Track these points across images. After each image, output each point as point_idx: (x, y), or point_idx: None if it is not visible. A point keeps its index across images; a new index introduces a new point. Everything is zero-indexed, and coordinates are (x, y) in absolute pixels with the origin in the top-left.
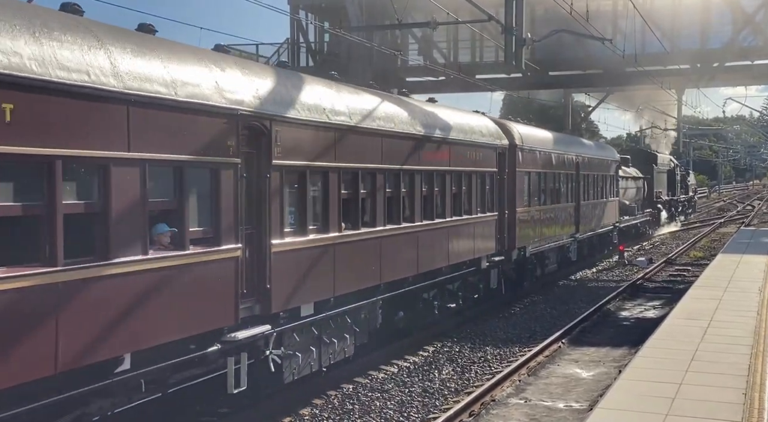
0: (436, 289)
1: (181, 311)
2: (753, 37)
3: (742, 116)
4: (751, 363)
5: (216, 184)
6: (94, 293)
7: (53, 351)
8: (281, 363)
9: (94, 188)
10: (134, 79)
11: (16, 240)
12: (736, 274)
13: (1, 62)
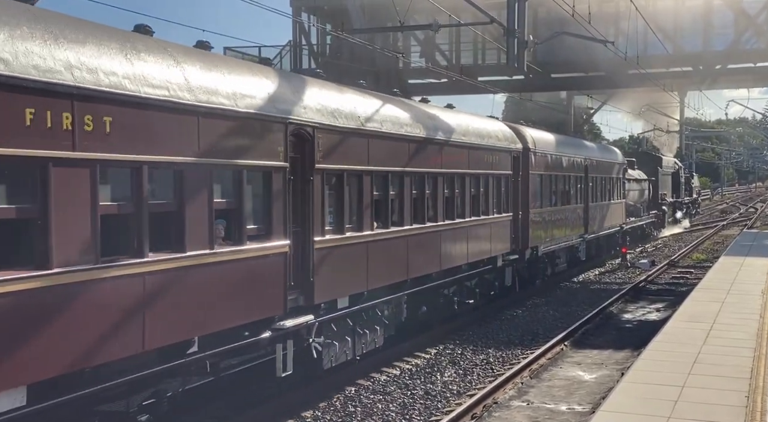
0: (455, 285)
1: (240, 300)
2: (755, 40)
3: (745, 118)
4: (753, 366)
5: (268, 186)
6: (172, 282)
7: (141, 332)
8: (321, 351)
9: (171, 189)
10: (203, 93)
11: (114, 235)
12: (738, 277)
13: (104, 81)
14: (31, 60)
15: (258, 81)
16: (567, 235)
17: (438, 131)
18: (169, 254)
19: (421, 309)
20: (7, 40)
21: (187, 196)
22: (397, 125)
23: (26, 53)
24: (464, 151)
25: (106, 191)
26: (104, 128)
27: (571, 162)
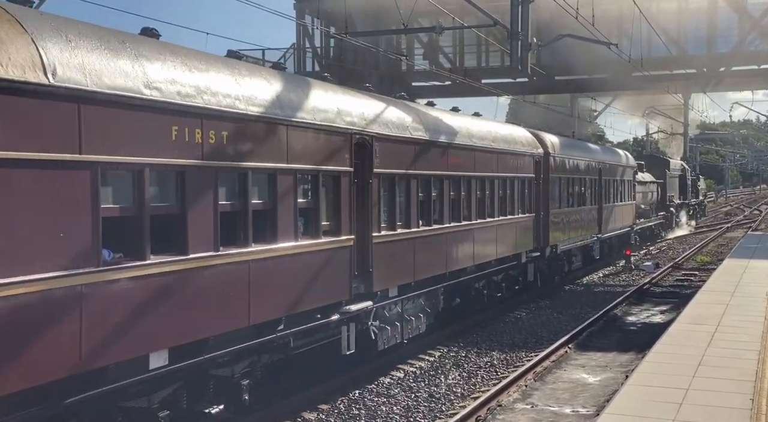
0: (485, 280)
1: (317, 286)
2: (759, 41)
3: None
4: (758, 369)
5: (338, 188)
6: (268, 269)
7: (248, 309)
8: (377, 334)
9: (267, 191)
10: (290, 109)
11: (227, 229)
12: (743, 279)
13: (222, 103)
14: (175, 87)
15: (328, 96)
16: (583, 234)
17: (472, 138)
18: (266, 246)
19: (455, 301)
20: (160, 72)
21: (279, 197)
22: (437, 133)
23: (171, 82)
24: (494, 156)
25: (222, 193)
26: (222, 140)
27: (586, 165)
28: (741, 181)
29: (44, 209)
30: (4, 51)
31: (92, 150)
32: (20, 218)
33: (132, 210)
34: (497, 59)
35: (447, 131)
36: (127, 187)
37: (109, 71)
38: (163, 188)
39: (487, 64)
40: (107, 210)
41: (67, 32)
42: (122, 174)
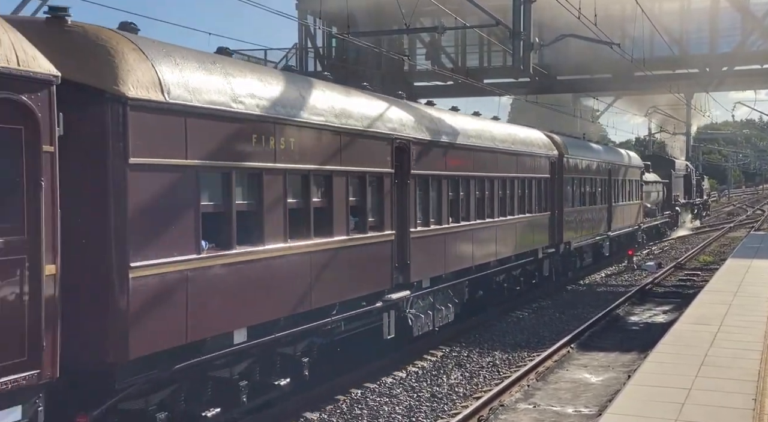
0: (505, 274)
1: (365, 276)
2: (762, 41)
3: (752, 119)
4: (761, 369)
5: (381, 187)
6: (327, 259)
7: (310, 294)
8: (413, 321)
9: (324, 190)
10: (344, 117)
11: (293, 224)
12: (746, 279)
13: (290, 113)
14: (254, 101)
15: (373, 104)
16: (593, 232)
17: (494, 140)
18: (325, 239)
19: (478, 293)
20: (243, 87)
21: (334, 195)
22: (464, 137)
23: (252, 96)
24: (513, 158)
25: (290, 192)
26: (290, 146)
27: (597, 166)
28: (743, 181)
29: (163, 206)
30: (133, 75)
31: (194, 156)
32: (156, 213)
33: (222, 207)
34: (499, 59)
35: (472, 135)
36: (218, 187)
37: (207, 88)
38: (245, 188)
39: (489, 64)
40: (204, 207)
41: (174, 56)
42: (215, 176)
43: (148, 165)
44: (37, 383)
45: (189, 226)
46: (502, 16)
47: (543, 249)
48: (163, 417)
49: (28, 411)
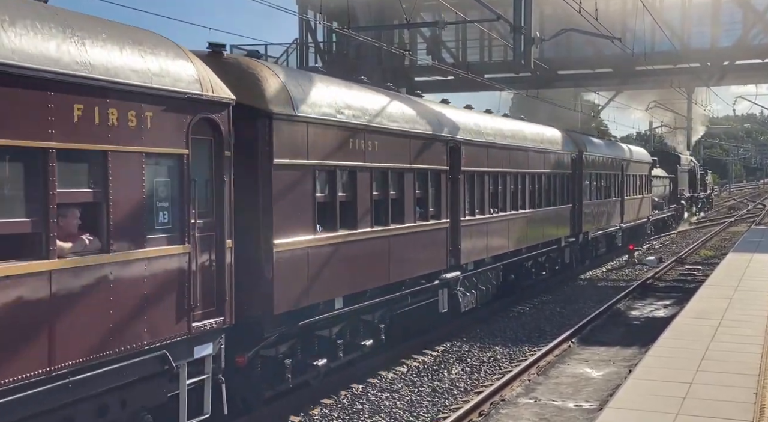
0: (532, 260)
1: (427, 257)
2: (763, 35)
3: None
4: (762, 362)
5: (438, 182)
6: (400, 242)
7: (388, 271)
8: (461, 298)
9: (396, 184)
10: (412, 122)
11: (377, 212)
12: (746, 273)
13: (376, 120)
14: (351, 111)
15: (431, 112)
16: (608, 224)
17: (525, 140)
18: (399, 225)
19: (510, 276)
20: (344, 101)
21: (405, 189)
22: (501, 137)
23: (348, 107)
24: (541, 155)
25: (374, 186)
26: (374, 148)
27: (611, 162)
28: (744, 175)
29: (293, 196)
30: (274, 95)
31: (312, 157)
32: (289, 202)
33: (329, 197)
34: (500, 54)
35: (508, 135)
36: (326, 181)
37: (320, 103)
38: (344, 183)
39: (489, 58)
40: (318, 197)
41: (297, 78)
42: (325, 173)
43: (284, 164)
44: (221, 327)
45: (309, 212)
46: (503, 10)
47: (565, 239)
48: (288, 363)
49: (215, 348)
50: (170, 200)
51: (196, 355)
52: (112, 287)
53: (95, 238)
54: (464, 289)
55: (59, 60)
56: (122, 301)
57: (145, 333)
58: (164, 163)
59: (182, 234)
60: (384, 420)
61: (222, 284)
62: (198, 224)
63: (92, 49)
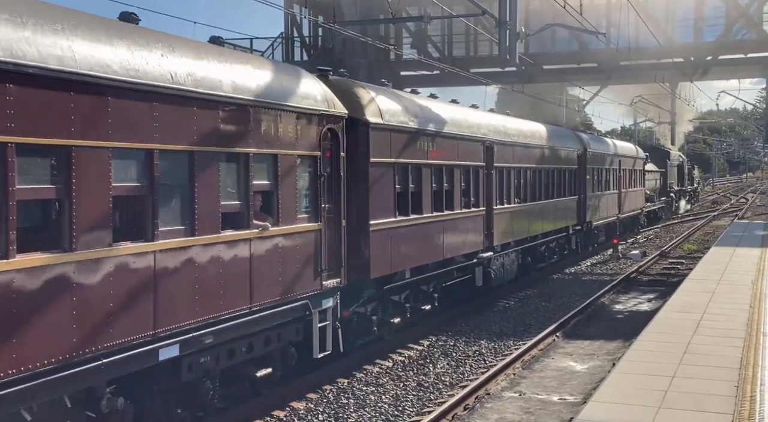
0: (545, 245)
1: (468, 238)
2: (746, 31)
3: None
4: (743, 356)
5: (477, 176)
6: (450, 225)
7: (443, 248)
8: (494, 274)
9: (449, 178)
10: (459, 127)
11: (439, 200)
12: (729, 267)
13: (440, 127)
14: (418, 119)
15: (470, 115)
16: (608, 213)
17: (542, 139)
18: (450, 211)
19: (527, 259)
20: (413, 111)
21: (455, 182)
22: (524, 137)
23: (416, 116)
24: (555, 152)
25: (434, 179)
26: (433, 148)
27: (610, 158)
28: (728, 169)
29: (380, 187)
30: (369, 108)
31: (393, 156)
32: (378, 192)
33: (403, 188)
34: (486, 49)
35: (529, 135)
36: (402, 176)
37: (398, 112)
38: (413, 177)
39: (475, 53)
40: (396, 188)
41: (382, 94)
42: (401, 169)
43: (376, 162)
44: (338, 287)
45: (391, 200)
46: (488, 5)
47: (572, 227)
48: (374, 319)
49: (334, 302)
50: (309, 189)
51: (323, 306)
52: (280, 251)
53: (270, 217)
54: (495, 267)
55: (276, 94)
56: (287, 261)
57: (297, 286)
58: (306, 162)
59: (316, 215)
60: (369, 414)
61: (339, 253)
62: (325, 208)
63: (281, 81)
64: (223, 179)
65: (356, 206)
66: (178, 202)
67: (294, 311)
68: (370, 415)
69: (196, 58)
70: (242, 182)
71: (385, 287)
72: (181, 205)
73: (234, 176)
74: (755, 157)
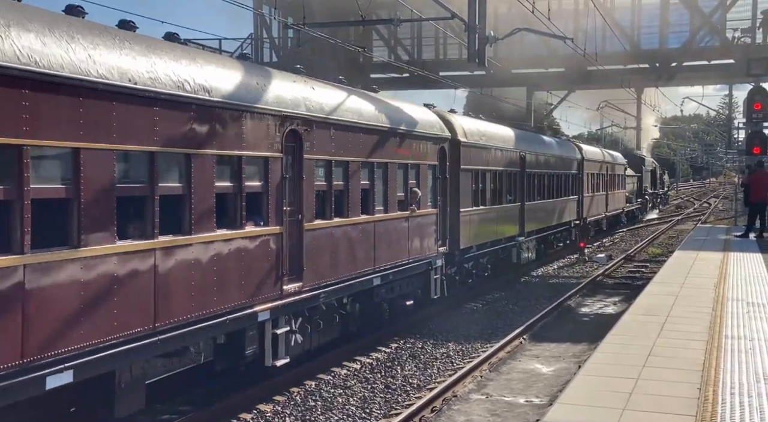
0: (553, 235)
1: (509, 226)
2: (710, 38)
3: (700, 114)
4: (706, 358)
5: (515, 178)
6: (494, 214)
7: (496, 230)
8: (524, 254)
9: (499, 180)
10: (506, 142)
11: (495, 195)
12: (692, 270)
13: (490, 141)
14: (485, 137)
15: (507, 131)
16: (598, 211)
17: (553, 149)
18: (499, 205)
19: (540, 246)
20: (483, 130)
21: (503, 182)
22: (545, 147)
23: (483, 134)
24: (564, 160)
25: (494, 180)
26: (492, 157)
27: (600, 164)
28: (691, 174)
29: (466, 186)
30: (459, 131)
31: (472, 164)
32: (464, 189)
33: (477, 186)
34: (455, 52)
35: (547, 146)
36: (477, 179)
37: (475, 133)
38: (482, 179)
39: (444, 56)
40: (473, 187)
41: (464, 119)
42: (477, 174)
43: (464, 169)
44: (443, 252)
45: (470, 194)
46: (458, 8)
47: (572, 221)
48: (457, 278)
49: (441, 262)
50: (430, 187)
51: (436, 265)
52: (421, 226)
53: (416, 204)
54: (524, 247)
55: (407, 126)
56: (423, 232)
57: (425, 249)
58: (431, 169)
59: (435, 204)
60: (337, 416)
61: (445, 229)
62: (440, 199)
63: (420, 117)
64: (398, 180)
65: (451, 199)
66: (363, 194)
67: (422, 266)
68: (337, 418)
69: (364, 103)
70: (403, 182)
71: (466, 255)
72: (377, 196)
73: (402, 177)
74: (718, 162)
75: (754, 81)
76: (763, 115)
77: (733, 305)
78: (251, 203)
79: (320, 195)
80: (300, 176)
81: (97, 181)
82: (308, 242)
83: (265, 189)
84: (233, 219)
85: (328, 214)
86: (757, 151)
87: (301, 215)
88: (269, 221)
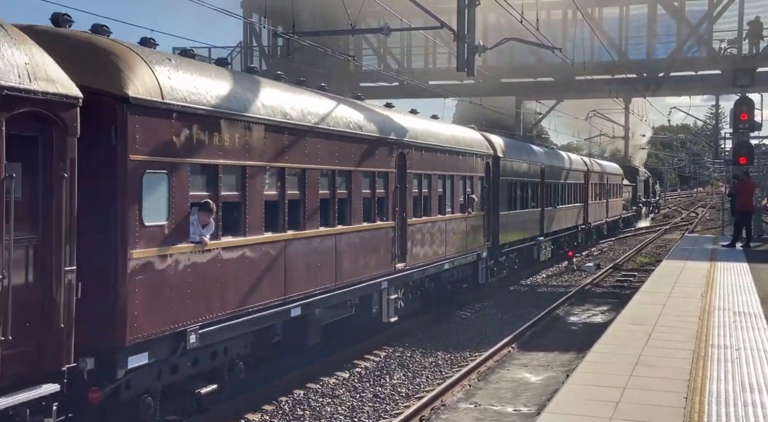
0: (565, 238)
1: (531, 226)
2: (697, 48)
3: (687, 124)
4: (692, 368)
5: (535, 188)
6: (528, 217)
7: (522, 231)
8: (543, 252)
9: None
10: (536, 156)
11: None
12: (679, 280)
13: (520, 155)
14: (520, 152)
15: (531, 149)
16: (599, 217)
17: (566, 162)
18: (522, 210)
19: (554, 246)
20: (519, 149)
21: (529, 190)
22: (563, 161)
23: (519, 150)
24: (574, 172)
25: (522, 189)
26: (523, 169)
27: (600, 175)
28: (679, 184)
29: (504, 194)
30: (498, 149)
31: (508, 176)
32: (503, 196)
33: (511, 194)
34: (444, 61)
35: (566, 161)
36: (515, 188)
37: (513, 153)
38: (515, 188)
39: (434, 65)
40: (509, 194)
41: (500, 137)
42: (515, 183)
43: (502, 180)
44: (488, 246)
45: (507, 199)
46: (447, 18)
47: (579, 225)
48: (495, 269)
49: (486, 254)
50: (480, 194)
51: (482, 256)
52: (471, 226)
53: (471, 208)
54: (545, 247)
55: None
56: (475, 230)
57: (474, 245)
58: (477, 179)
59: (483, 207)
60: None
61: (488, 228)
62: (485, 204)
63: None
64: (460, 189)
65: (494, 203)
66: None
67: (473, 257)
68: None
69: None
70: (462, 190)
71: (503, 251)
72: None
73: (462, 186)
74: (705, 172)
75: (740, 91)
76: (750, 125)
77: (720, 314)
78: (380, 204)
79: (415, 200)
80: (404, 185)
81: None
82: (409, 234)
83: (386, 194)
84: (369, 215)
85: (419, 213)
86: (744, 161)
87: (405, 213)
88: (388, 217)
